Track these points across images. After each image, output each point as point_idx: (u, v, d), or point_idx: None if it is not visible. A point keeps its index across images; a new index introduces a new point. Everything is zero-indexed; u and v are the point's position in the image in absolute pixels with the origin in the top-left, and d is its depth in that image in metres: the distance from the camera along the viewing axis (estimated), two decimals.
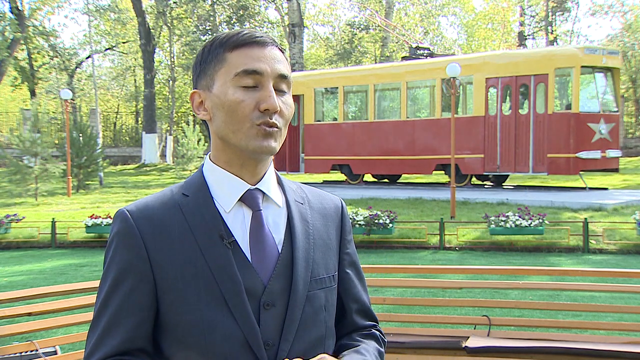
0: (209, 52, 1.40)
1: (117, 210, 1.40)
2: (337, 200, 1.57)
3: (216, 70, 1.38)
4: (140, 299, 1.34)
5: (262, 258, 1.37)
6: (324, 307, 1.43)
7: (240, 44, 1.37)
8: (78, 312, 3.75)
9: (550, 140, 15.77)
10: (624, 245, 10.56)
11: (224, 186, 1.40)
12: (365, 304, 1.56)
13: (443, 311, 6.13)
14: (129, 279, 1.34)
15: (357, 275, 1.55)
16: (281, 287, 1.37)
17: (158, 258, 1.34)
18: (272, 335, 1.35)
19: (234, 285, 1.33)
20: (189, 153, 21.91)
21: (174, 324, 1.34)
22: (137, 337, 1.34)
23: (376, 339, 1.54)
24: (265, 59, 1.36)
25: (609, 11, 34.41)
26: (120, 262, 1.35)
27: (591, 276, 4.45)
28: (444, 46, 38.99)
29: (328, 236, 1.49)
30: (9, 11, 33.74)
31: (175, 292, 1.33)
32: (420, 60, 19.28)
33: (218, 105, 1.38)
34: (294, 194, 1.48)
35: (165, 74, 38.40)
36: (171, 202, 1.39)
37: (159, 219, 1.37)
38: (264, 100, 1.34)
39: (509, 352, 3.77)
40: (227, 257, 1.34)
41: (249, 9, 33.12)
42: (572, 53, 15.97)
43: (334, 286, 1.47)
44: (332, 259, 1.48)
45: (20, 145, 19.86)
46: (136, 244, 1.34)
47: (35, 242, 12.67)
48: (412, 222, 12.15)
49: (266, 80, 1.36)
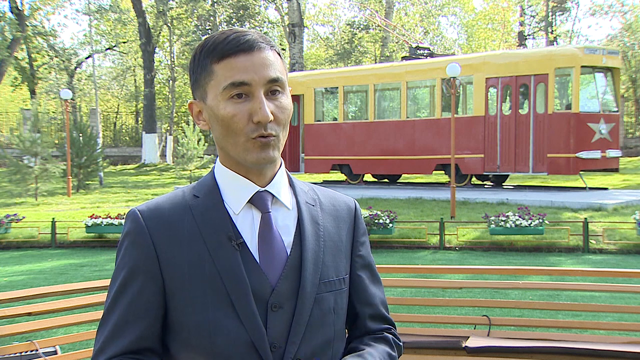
0: (198, 61, 1.38)
1: (129, 210, 1.41)
2: (351, 202, 1.55)
3: (206, 82, 1.37)
4: (149, 298, 1.34)
5: (271, 260, 1.37)
6: (332, 309, 1.41)
7: (225, 54, 1.34)
8: (78, 312, 3.75)
9: (550, 140, 15.76)
10: (624, 245, 10.56)
11: (233, 188, 1.40)
12: (379, 307, 1.52)
13: (443, 311, 6.13)
14: (138, 279, 1.35)
15: (371, 278, 1.52)
16: (289, 289, 1.36)
17: (167, 258, 1.35)
18: (279, 338, 1.34)
19: (240, 287, 1.33)
20: (189, 153, 21.86)
21: (180, 325, 1.34)
22: (145, 337, 1.34)
23: (388, 342, 1.50)
24: (253, 67, 1.33)
25: (609, 11, 34.37)
26: (130, 261, 1.36)
27: (591, 276, 4.45)
28: (444, 46, 38.99)
29: (339, 238, 1.47)
30: (9, 11, 33.76)
31: (183, 293, 1.34)
32: (420, 60, 19.28)
33: (213, 117, 1.37)
34: (305, 196, 1.47)
35: (165, 73, 38.40)
36: (182, 203, 1.40)
37: (169, 219, 1.37)
38: (256, 113, 1.32)
39: (509, 352, 3.77)
40: (234, 258, 1.34)
41: (249, 9, 33.14)
42: (572, 53, 15.96)
43: (344, 289, 1.45)
44: (343, 262, 1.46)
45: (20, 145, 19.86)
46: (146, 244, 1.35)
47: (35, 242, 12.67)
48: (412, 222, 12.15)
49: (256, 90, 1.33)
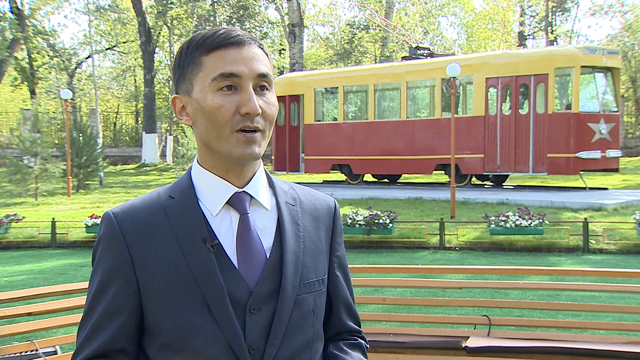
0: (185, 55, 1.36)
1: (104, 213, 1.39)
2: (331, 201, 1.54)
3: (194, 74, 1.35)
4: (123, 302, 1.34)
5: (249, 262, 1.35)
6: (312, 311, 1.40)
7: (216, 46, 1.33)
8: (78, 312, 3.74)
9: (550, 140, 15.76)
10: (624, 245, 10.55)
11: (210, 189, 1.38)
12: (353, 306, 1.56)
13: (443, 311, 6.12)
14: (113, 283, 1.34)
15: (345, 278, 1.54)
16: (269, 291, 1.35)
17: (142, 261, 1.33)
18: (258, 340, 1.33)
19: (216, 289, 1.31)
20: (189, 153, 21.87)
21: (157, 328, 1.33)
22: (117, 339, 1.34)
23: (362, 349, 1.55)
24: (243, 60, 1.32)
25: (609, 11, 34.41)
26: (105, 265, 1.35)
27: (591, 276, 4.45)
28: (444, 46, 38.96)
29: (319, 238, 1.46)
30: (9, 11, 33.76)
31: (159, 296, 1.32)
32: (420, 60, 19.27)
33: (198, 110, 1.34)
34: (285, 195, 1.45)
35: (165, 73, 38.40)
36: (157, 205, 1.38)
37: (144, 221, 1.35)
38: (244, 104, 1.31)
39: (509, 352, 3.77)
40: (209, 260, 1.32)
41: (249, 9, 33.11)
42: (572, 53, 15.96)
43: (323, 290, 1.45)
44: (322, 262, 1.46)
45: (20, 145, 19.86)
46: (120, 247, 1.34)
47: (35, 242, 12.67)
48: (412, 222, 12.15)
49: (245, 83, 1.32)
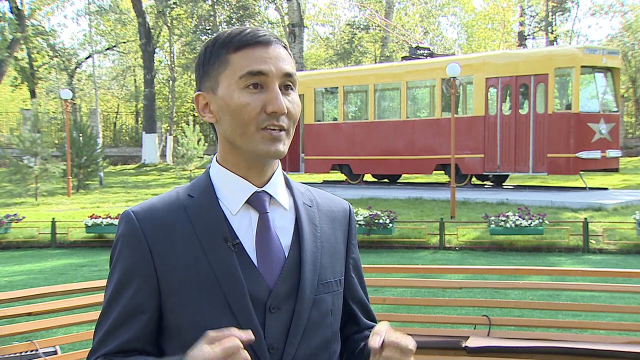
0: (211, 53, 1.37)
1: (123, 211, 1.39)
2: (346, 204, 1.57)
3: (220, 72, 1.35)
4: (143, 300, 1.33)
5: (269, 261, 1.36)
6: (330, 311, 1.41)
7: (244, 44, 1.34)
8: (78, 312, 3.75)
9: (550, 140, 15.76)
10: (624, 245, 10.56)
11: (230, 188, 1.38)
12: (369, 307, 1.58)
13: (443, 311, 6.13)
14: (133, 281, 1.34)
15: (359, 280, 1.56)
16: (288, 291, 1.36)
17: (161, 260, 1.33)
18: (277, 339, 1.33)
19: (237, 288, 1.31)
20: (189, 153, 21.89)
21: (177, 327, 1.33)
22: (136, 339, 1.33)
23: None
24: (270, 59, 1.34)
25: (609, 11, 34.43)
26: (125, 264, 1.35)
27: (591, 276, 4.45)
28: (444, 46, 38.99)
29: (336, 240, 1.48)
30: (8, 11, 33.76)
31: (178, 295, 1.32)
32: (420, 60, 19.28)
33: (224, 108, 1.35)
34: (302, 197, 1.47)
35: (165, 74, 38.38)
36: (177, 204, 1.38)
37: (164, 220, 1.35)
38: (270, 103, 1.32)
39: (509, 352, 3.77)
40: (231, 259, 1.32)
41: (249, 9, 33.11)
42: (572, 53, 15.97)
43: (340, 290, 1.46)
44: (339, 263, 1.47)
45: (20, 145, 19.87)
46: (140, 245, 1.34)
47: (35, 242, 12.67)
48: (412, 222, 12.15)
49: (271, 81, 1.33)
